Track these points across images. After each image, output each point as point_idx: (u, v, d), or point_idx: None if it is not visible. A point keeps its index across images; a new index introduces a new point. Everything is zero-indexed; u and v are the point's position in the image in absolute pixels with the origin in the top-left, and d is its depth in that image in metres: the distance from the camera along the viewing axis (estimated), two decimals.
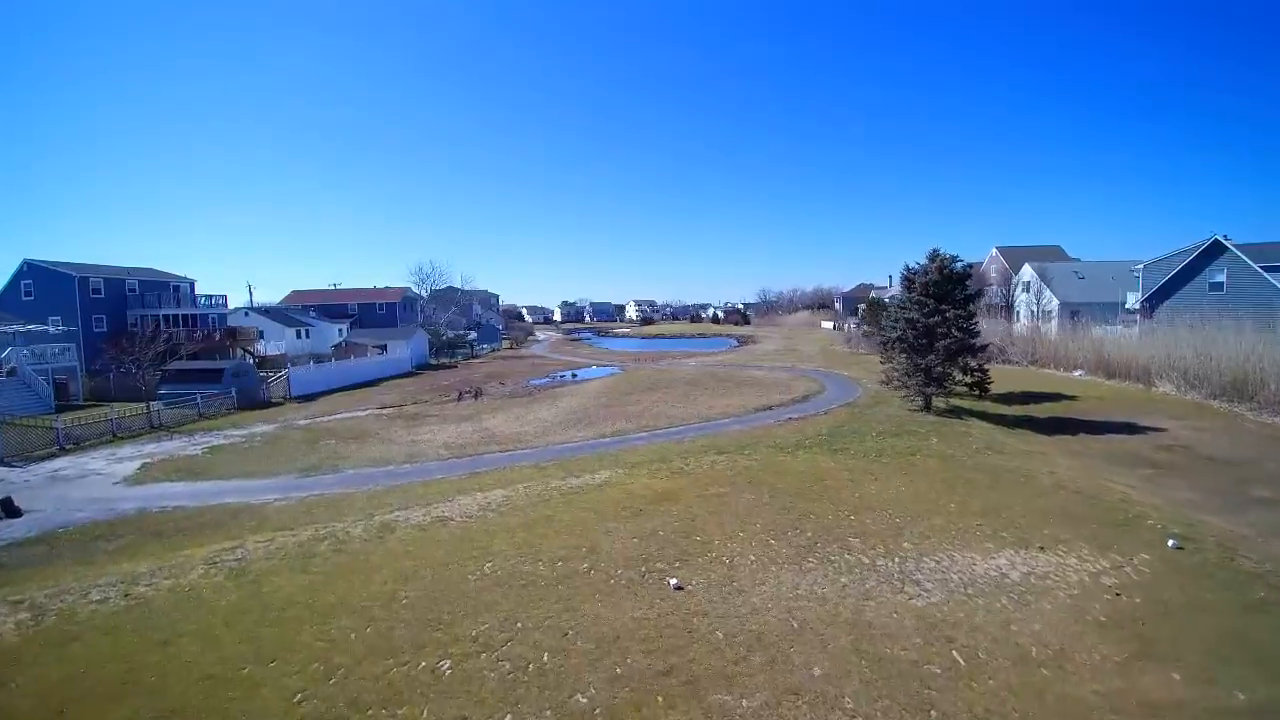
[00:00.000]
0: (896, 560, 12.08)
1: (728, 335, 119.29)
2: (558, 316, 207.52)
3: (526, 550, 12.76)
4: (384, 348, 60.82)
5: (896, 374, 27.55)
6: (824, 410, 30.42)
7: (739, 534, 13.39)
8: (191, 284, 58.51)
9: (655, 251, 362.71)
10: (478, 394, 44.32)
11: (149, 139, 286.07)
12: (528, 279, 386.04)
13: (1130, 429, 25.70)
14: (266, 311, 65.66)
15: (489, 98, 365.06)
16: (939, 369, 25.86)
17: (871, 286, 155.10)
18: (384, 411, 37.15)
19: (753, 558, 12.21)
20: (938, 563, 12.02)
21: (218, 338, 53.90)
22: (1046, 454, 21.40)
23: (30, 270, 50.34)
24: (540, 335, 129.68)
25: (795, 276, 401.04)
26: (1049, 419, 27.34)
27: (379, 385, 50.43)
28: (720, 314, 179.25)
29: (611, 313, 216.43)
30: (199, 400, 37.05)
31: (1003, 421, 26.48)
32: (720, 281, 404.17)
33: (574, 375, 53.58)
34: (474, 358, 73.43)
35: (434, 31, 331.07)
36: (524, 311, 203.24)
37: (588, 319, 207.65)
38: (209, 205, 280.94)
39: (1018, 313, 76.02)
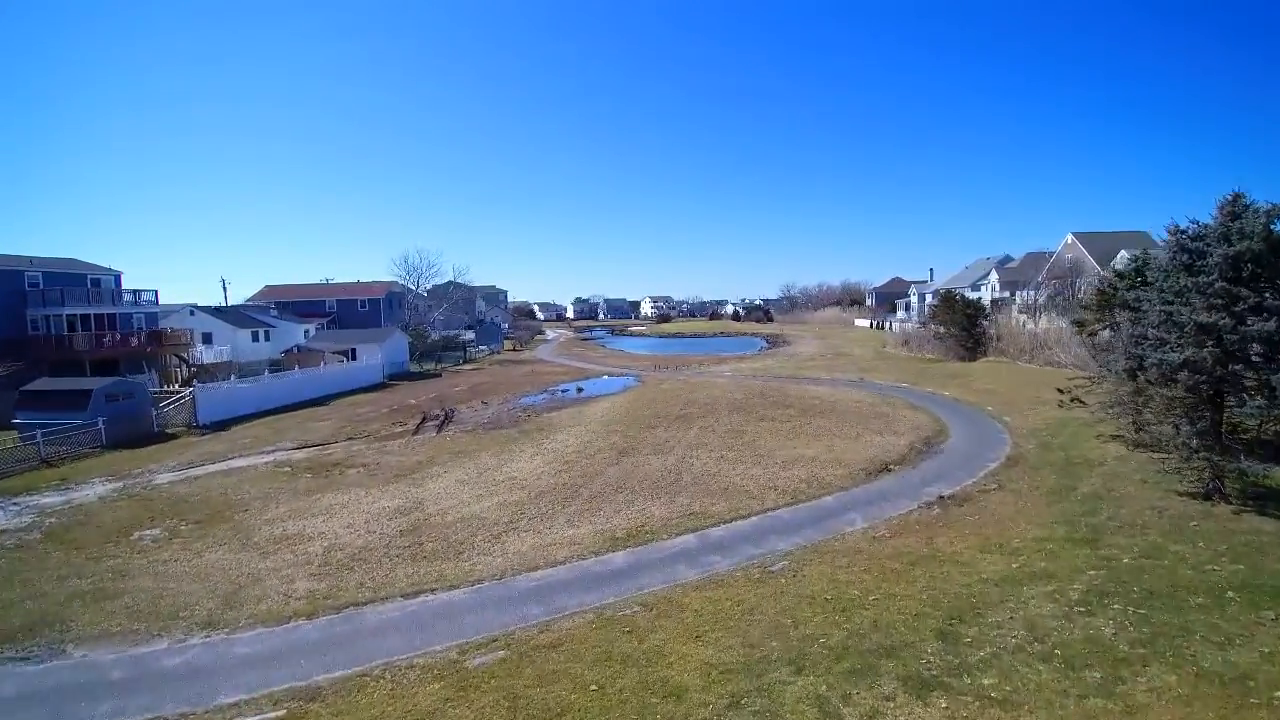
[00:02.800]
0: None
1: (753, 334, 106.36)
2: (570, 314, 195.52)
3: None
4: (350, 353, 48.70)
5: (1174, 431, 14.38)
6: (991, 478, 17.55)
7: None
8: (116, 277, 46.67)
9: (671, 247, 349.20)
10: (446, 420, 32.01)
11: (123, 127, 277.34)
12: (541, 275, 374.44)
13: None
14: (218, 310, 53.82)
15: (504, 88, 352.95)
16: (1259, 420, 12.93)
17: (904, 280, 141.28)
18: (297, 455, 24.85)
19: None
20: None
21: (136, 342, 42.03)
22: None
23: None
24: (550, 334, 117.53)
25: (818, 271, 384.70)
26: None
27: (331, 402, 38.30)
28: (740, 311, 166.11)
29: (626, 309, 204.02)
30: (40, 439, 25.19)
31: None
32: (738, 277, 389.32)
33: (579, 390, 41.11)
34: (467, 362, 61.25)
35: (447, 16, 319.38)
36: (535, 308, 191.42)
37: (602, 316, 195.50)
38: (194, 199, 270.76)
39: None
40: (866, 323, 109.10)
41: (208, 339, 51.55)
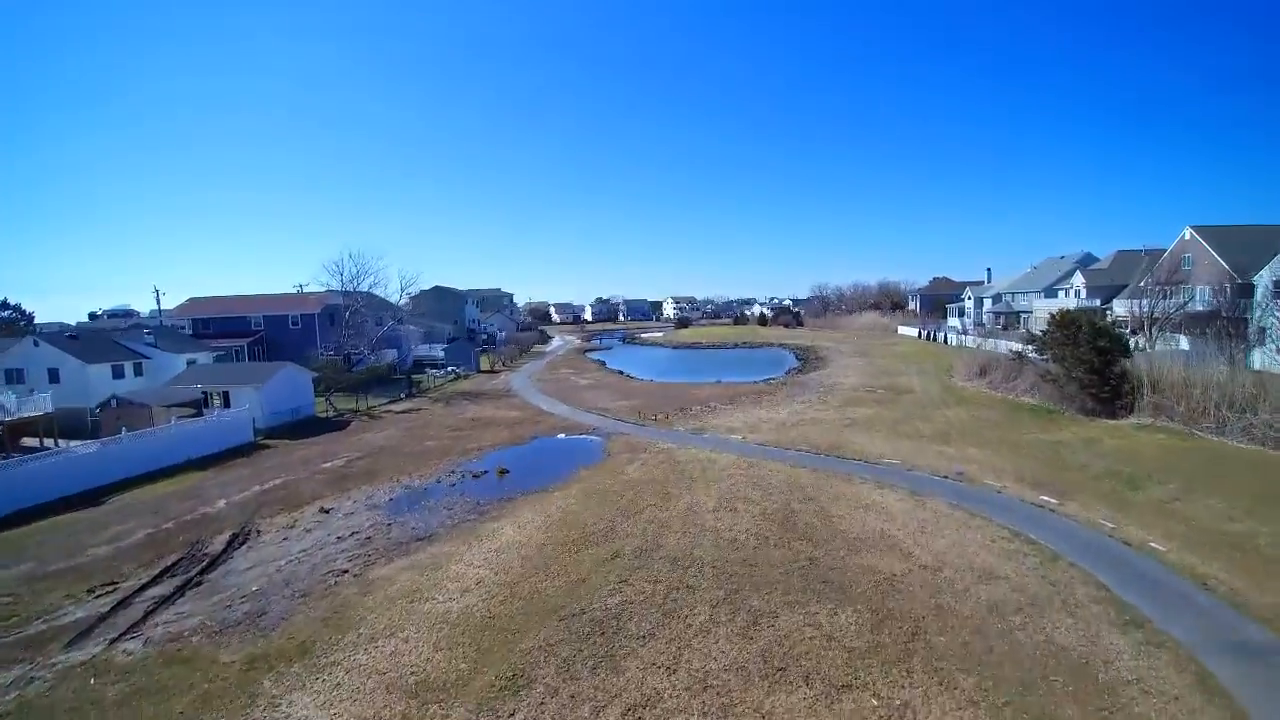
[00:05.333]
0: None
1: (779, 345, 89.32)
2: (589, 315, 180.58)
3: None
4: (217, 400, 34.30)
5: None
6: None
7: None
8: None
9: (696, 243, 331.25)
10: (181, 588, 16.78)
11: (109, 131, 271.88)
12: (564, 275, 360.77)
13: None
14: (74, 336, 39.95)
15: (534, 84, 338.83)
16: None
17: (952, 281, 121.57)
18: None
19: None
20: None
21: None
22: None
23: None
24: (554, 342, 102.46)
25: (850, 269, 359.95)
26: None
27: (119, 497, 24.15)
28: (767, 312, 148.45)
29: (647, 311, 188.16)
30: None
31: None
32: (766, 274, 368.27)
33: (501, 474, 25.61)
34: (409, 397, 46.37)
35: (475, 9, 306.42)
36: (552, 310, 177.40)
37: (621, 318, 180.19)
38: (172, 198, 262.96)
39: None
40: (913, 331, 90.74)
41: (54, 377, 37.89)
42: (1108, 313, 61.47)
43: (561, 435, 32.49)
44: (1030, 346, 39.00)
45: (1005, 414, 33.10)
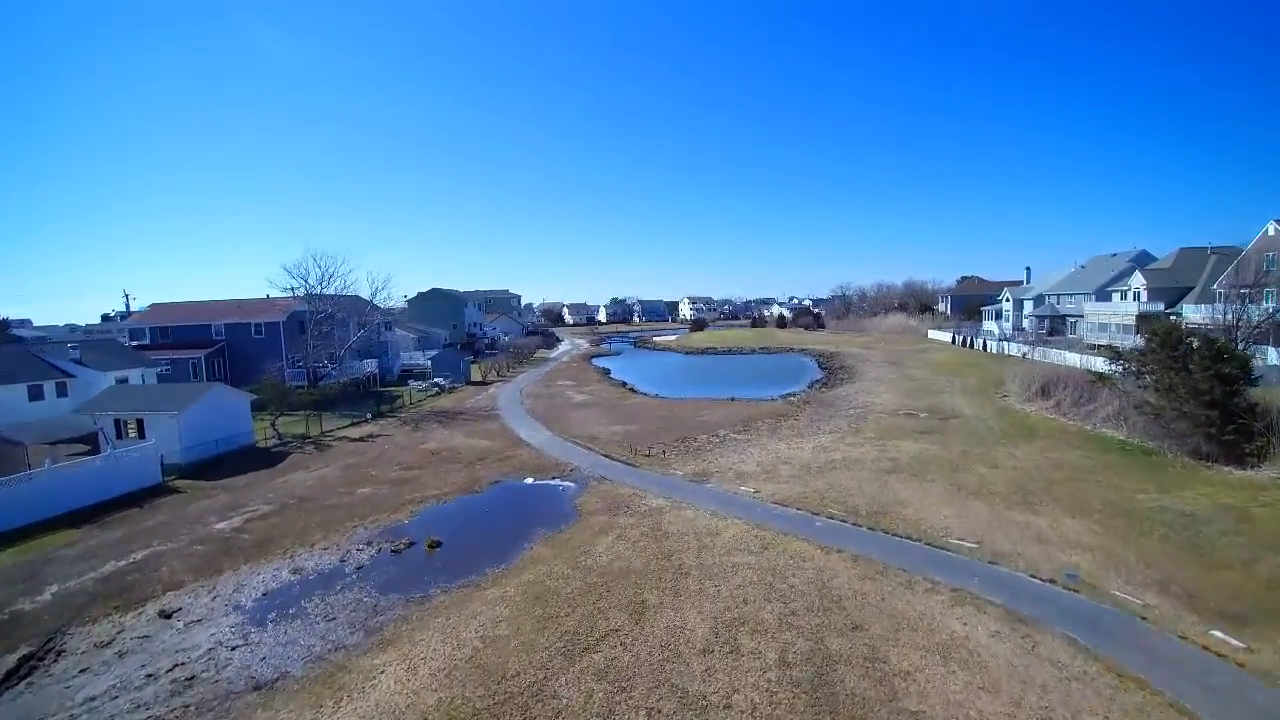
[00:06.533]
0: None
1: (800, 350, 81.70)
2: (603, 316, 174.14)
3: None
4: (132, 430, 28.48)
5: None
6: None
7: None
8: None
9: (714, 243, 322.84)
10: None
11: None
12: (581, 275, 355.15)
13: None
14: None
15: (546, 84, 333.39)
16: None
17: (985, 281, 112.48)
18: None
19: None
20: None
21: None
22: None
23: None
24: (561, 346, 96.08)
25: (872, 268, 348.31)
26: None
27: None
28: (786, 314, 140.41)
29: (663, 311, 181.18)
30: None
31: None
32: (785, 274, 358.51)
33: (433, 545, 18.91)
34: (377, 417, 40.12)
35: (509, 15, 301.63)
36: (565, 312, 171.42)
37: (636, 319, 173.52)
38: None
39: None
40: (945, 336, 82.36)
41: None
42: (1174, 318, 53.28)
43: (530, 479, 25.84)
44: (1117, 366, 31.29)
45: (1092, 456, 25.57)
